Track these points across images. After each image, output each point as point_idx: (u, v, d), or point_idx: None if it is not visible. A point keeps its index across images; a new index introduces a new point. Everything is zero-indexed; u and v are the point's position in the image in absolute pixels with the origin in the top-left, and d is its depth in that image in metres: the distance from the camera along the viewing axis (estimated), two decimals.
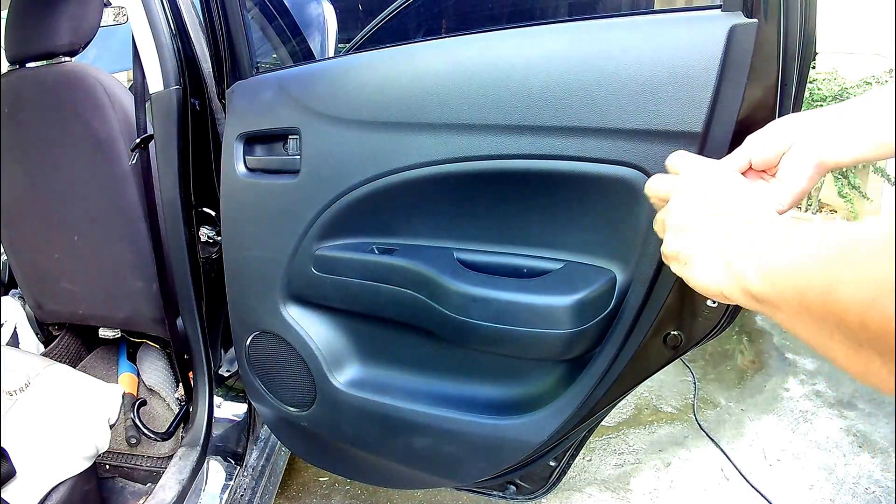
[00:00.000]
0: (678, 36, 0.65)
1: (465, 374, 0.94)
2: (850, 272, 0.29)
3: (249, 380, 1.14)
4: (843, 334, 0.30)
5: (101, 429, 1.23)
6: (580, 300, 0.75)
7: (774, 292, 0.36)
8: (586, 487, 1.80)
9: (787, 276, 0.35)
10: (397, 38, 1.15)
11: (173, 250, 1.16)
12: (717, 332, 0.73)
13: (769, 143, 0.53)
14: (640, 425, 2.08)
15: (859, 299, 0.28)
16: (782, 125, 0.54)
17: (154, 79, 1.07)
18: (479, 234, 0.85)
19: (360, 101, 0.85)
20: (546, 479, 1.09)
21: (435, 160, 0.80)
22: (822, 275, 0.31)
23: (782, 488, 1.77)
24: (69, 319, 1.48)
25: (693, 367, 2.39)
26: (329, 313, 1.01)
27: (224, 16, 0.97)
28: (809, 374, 2.37)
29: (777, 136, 0.53)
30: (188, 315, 1.21)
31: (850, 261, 0.30)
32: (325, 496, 1.76)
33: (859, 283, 0.28)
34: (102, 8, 1.26)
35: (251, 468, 1.36)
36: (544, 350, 0.80)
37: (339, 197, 0.89)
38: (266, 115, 0.95)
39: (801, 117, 0.53)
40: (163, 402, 1.40)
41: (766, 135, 0.54)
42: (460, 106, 0.76)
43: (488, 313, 0.80)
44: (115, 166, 1.20)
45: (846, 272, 0.30)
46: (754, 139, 0.54)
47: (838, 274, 0.30)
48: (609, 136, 0.68)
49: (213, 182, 1.15)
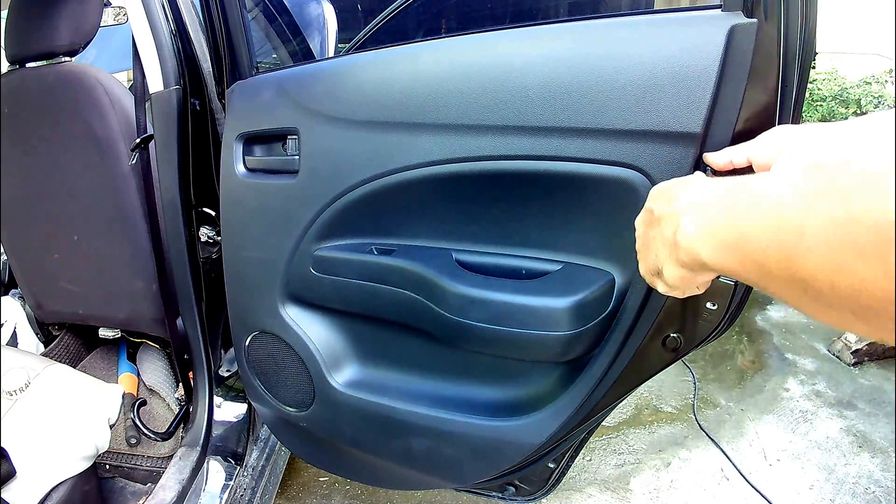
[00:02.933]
0: (678, 36, 0.65)
1: (463, 375, 0.94)
2: (808, 241, 0.29)
3: (249, 380, 1.14)
4: (811, 296, 0.30)
5: (101, 429, 1.23)
6: (579, 302, 0.75)
7: (728, 262, 0.37)
8: (586, 487, 1.80)
9: (741, 248, 0.35)
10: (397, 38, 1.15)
11: (173, 250, 1.16)
12: (717, 334, 0.73)
13: (762, 149, 0.53)
14: (640, 425, 2.08)
15: (825, 266, 0.28)
16: (777, 133, 0.53)
17: (154, 79, 1.07)
18: (477, 235, 0.85)
19: (359, 102, 0.85)
20: (545, 480, 1.09)
21: (434, 161, 0.80)
22: (778, 244, 0.31)
23: (782, 488, 1.77)
24: (69, 319, 1.48)
25: (693, 367, 2.39)
26: (328, 314, 1.01)
27: (224, 16, 0.97)
28: (809, 374, 2.36)
29: (770, 144, 0.53)
30: (188, 315, 1.21)
31: (809, 230, 0.29)
32: (325, 496, 1.76)
33: (827, 249, 0.28)
34: (102, 8, 1.26)
35: (251, 468, 1.36)
36: (543, 352, 0.80)
37: (338, 197, 0.89)
38: (265, 115, 0.95)
39: (796, 127, 0.53)
40: (163, 402, 1.40)
41: (761, 142, 0.54)
42: (460, 106, 0.76)
43: (487, 315, 0.80)
44: (115, 166, 1.20)
45: (803, 242, 0.29)
46: (746, 146, 0.54)
47: (795, 244, 0.30)
48: (608, 136, 0.68)
49: (214, 182, 1.15)
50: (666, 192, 0.49)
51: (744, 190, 0.37)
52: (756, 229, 0.33)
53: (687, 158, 0.64)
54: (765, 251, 0.32)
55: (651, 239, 0.49)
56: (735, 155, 0.57)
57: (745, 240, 0.34)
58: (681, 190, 0.46)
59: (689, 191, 0.44)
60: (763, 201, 0.33)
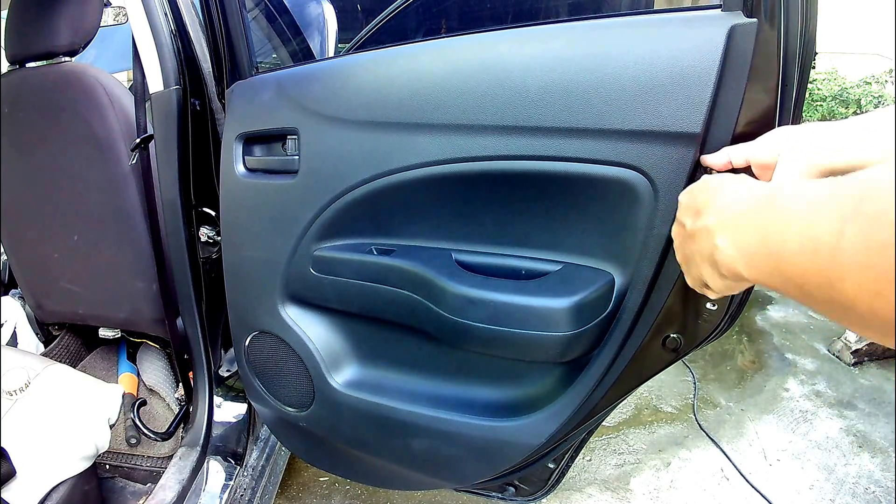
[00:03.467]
0: (678, 36, 0.65)
1: (463, 375, 0.94)
2: (844, 268, 0.29)
3: (248, 380, 1.14)
4: (854, 320, 0.30)
5: (101, 429, 1.23)
6: (578, 302, 0.75)
7: (770, 281, 0.37)
8: (586, 487, 1.80)
9: (781, 272, 0.35)
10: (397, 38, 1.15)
11: (173, 250, 1.16)
12: (717, 334, 0.73)
13: (763, 149, 0.53)
14: (640, 425, 2.08)
15: (863, 292, 0.28)
16: (777, 134, 0.54)
17: (154, 79, 1.07)
18: (477, 236, 0.85)
19: (359, 102, 0.85)
20: (545, 480, 1.08)
21: (434, 161, 0.80)
22: (816, 270, 0.31)
23: (782, 488, 1.77)
24: (69, 319, 1.48)
25: (693, 367, 2.39)
26: (327, 314, 1.01)
27: (224, 16, 0.97)
28: (809, 374, 2.36)
29: (771, 144, 0.53)
30: (188, 315, 1.21)
31: (844, 256, 0.29)
32: (325, 496, 1.76)
33: (864, 277, 0.28)
34: (102, 8, 1.26)
35: (251, 468, 1.36)
36: (542, 352, 0.80)
37: (338, 197, 0.89)
38: (265, 115, 0.95)
39: (797, 127, 0.54)
40: (163, 402, 1.40)
41: (761, 142, 0.54)
42: (459, 106, 0.76)
43: (486, 315, 0.80)
44: (115, 166, 1.20)
45: (839, 268, 0.29)
46: (746, 146, 0.55)
47: (831, 269, 0.30)
48: (608, 136, 0.68)
49: (214, 182, 1.15)
50: (693, 202, 0.49)
51: (773, 208, 0.36)
52: (793, 255, 0.33)
53: (687, 158, 0.64)
54: (803, 276, 0.32)
55: (691, 255, 0.49)
56: (734, 154, 0.57)
57: (783, 263, 0.34)
58: (708, 200, 0.46)
59: (717, 203, 0.44)
60: (794, 224, 0.33)
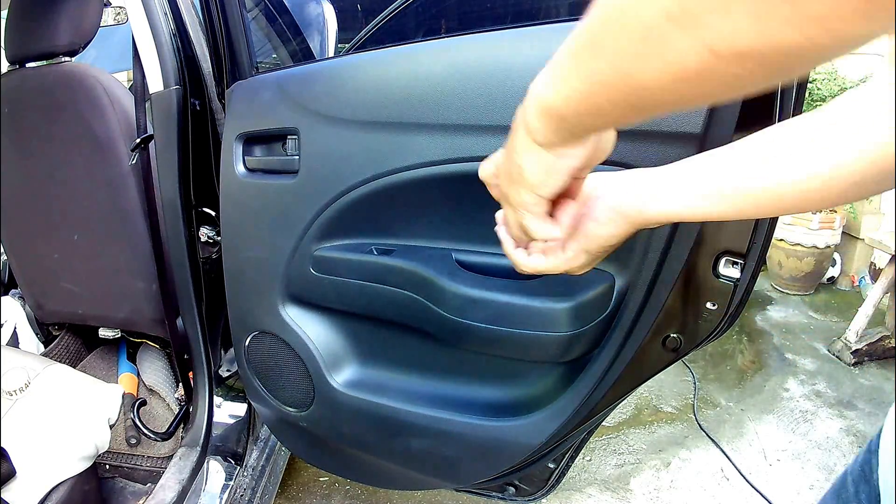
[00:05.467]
0: None
1: (463, 375, 0.94)
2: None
3: (248, 380, 1.14)
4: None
5: (101, 429, 1.23)
6: (578, 302, 0.75)
7: (579, 87, 0.33)
8: (586, 487, 1.80)
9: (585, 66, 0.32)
10: (397, 38, 1.15)
11: (173, 250, 1.16)
12: (717, 334, 0.73)
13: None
14: (640, 425, 2.08)
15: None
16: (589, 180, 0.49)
17: (154, 79, 1.07)
18: (477, 235, 0.85)
19: (359, 102, 0.85)
20: (545, 480, 1.09)
21: (434, 161, 0.80)
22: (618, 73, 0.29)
23: (782, 488, 1.77)
24: (69, 319, 1.48)
25: (693, 367, 2.39)
26: (327, 314, 1.01)
27: (224, 16, 0.97)
28: (809, 374, 2.36)
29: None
30: (188, 315, 1.21)
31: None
32: (325, 496, 1.76)
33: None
34: (102, 8, 1.26)
35: (251, 468, 1.36)
36: (542, 352, 0.80)
37: (338, 197, 0.89)
38: (265, 115, 0.95)
39: (606, 175, 0.50)
40: (163, 402, 1.40)
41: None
42: (460, 106, 0.76)
43: (486, 315, 0.80)
44: (115, 166, 1.20)
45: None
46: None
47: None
48: None
49: (214, 182, 1.15)
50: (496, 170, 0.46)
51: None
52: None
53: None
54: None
55: (504, 175, 0.44)
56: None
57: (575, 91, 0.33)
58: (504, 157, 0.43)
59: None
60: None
